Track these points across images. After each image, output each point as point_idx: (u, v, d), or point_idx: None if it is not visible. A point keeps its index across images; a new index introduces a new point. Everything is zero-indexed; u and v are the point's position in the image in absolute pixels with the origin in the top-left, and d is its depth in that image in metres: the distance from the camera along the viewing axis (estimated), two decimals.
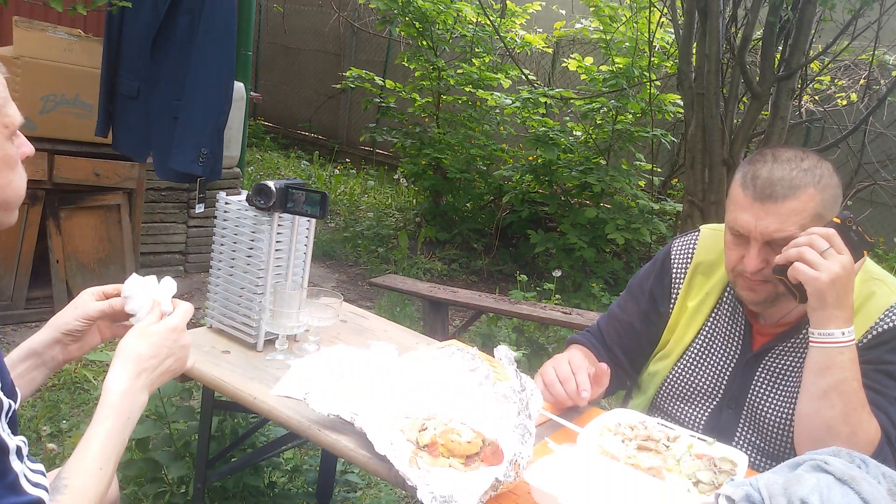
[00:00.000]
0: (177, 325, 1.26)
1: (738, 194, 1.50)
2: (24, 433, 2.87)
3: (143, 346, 1.21)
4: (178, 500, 2.23)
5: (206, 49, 3.19)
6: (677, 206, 5.28)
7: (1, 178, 1.08)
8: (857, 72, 5.36)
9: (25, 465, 0.99)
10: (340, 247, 5.88)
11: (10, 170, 1.10)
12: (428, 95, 6.47)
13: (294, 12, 9.74)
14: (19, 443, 0.99)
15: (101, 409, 1.13)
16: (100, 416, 1.13)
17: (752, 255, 1.48)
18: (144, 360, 1.20)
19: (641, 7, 5.26)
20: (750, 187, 1.47)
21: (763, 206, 1.45)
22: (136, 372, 1.18)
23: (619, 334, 1.81)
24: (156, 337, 1.23)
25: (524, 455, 1.24)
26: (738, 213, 1.49)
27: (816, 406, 1.42)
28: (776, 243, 1.46)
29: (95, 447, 1.09)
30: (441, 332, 3.71)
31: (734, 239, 1.53)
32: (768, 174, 1.46)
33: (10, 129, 1.09)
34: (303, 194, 1.72)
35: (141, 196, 3.95)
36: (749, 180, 1.48)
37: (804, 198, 1.44)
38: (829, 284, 1.38)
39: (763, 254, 1.48)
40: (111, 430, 1.12)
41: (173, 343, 1.24)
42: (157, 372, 1.22)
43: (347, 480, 2.66)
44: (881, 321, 1.50)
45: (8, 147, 1.09)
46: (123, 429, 1.14)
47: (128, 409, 1.15)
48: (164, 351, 1.23)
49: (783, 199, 1.44)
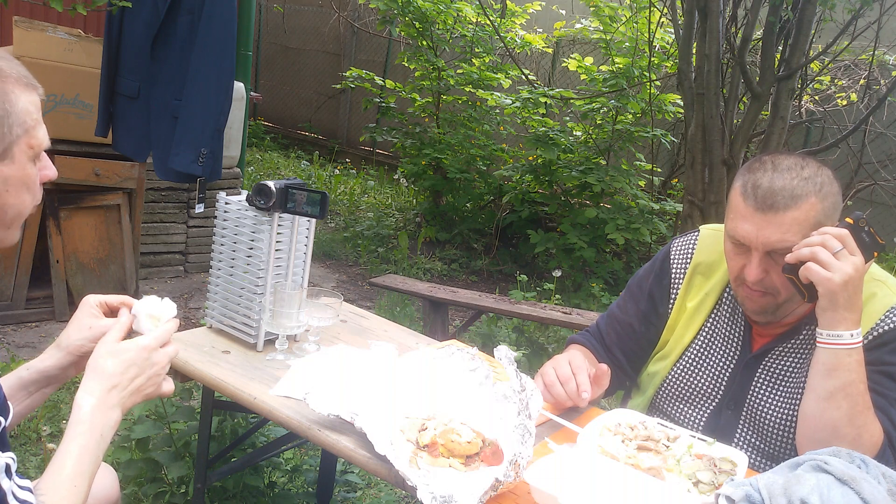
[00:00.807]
0: (148, 343, 1.23)
1: (739, 204, 1.49)
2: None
3: (112, 363, 1.18)
4: (178, 500, 2.23)
5: (206, 49, 3.19)
6: (677, 206, 5.28)
7: (15, 198, 1.09)
8: (857, 72, 5.36)
9: (14, 482, 0.99)
10: (340, 247, 5.88)
11: (27, 190, 1.11)
12: (428, 95, 6.47)
13: (294, 12, 9.73)
14: (8, 460, 0.98)
15: (73, 425, 1.12)
16: (72, 433, 1.11)
17: (753, 265, 1.48)
18: (115, 377, 1.17)
19: (641, 7, 5.26)
20: (751, 197, 1.46)
21: (764, 217, 1.44)
22: (107, 388, 1.16)
23: (618, 335, 1.81)
24: (125, 354, 1.20)
25: (524, 455, 1.24)
26: (739, 223, 1.48)
27: (822, 407, 1.42)
28: (777, 253, 1.46)
29: (70, 464, 1.08)
30: (441, 332, 3.71)
31: (734, 248, 1.53)
32: (769, 183, 1.45)
33: (34, 151, 1.10)
34: (303, 194, 1.72)
35: (141, 196, 3.95)
36: (750, 190, 1.47)
37: (806, 207, 1.43)
38: (841, 286, 1.37)
39: (764, 264, 1.48)
40: (84, 446, 1.10)
41: (143, 361, 1.21)
42: (127, 390, 1.19)
43: (347, 480, 2.66)
44: (882, 322, 1.50)
45: (29, 168, 1.10)
46: (97, 446, 1.12)
47: (100, 425, 1.13)
48: (133, 369, 1.19)
49: (784, 210, 1.43)
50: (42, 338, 3.61)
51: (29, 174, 1.10)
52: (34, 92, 1.10)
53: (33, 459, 2.58)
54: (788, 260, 1.44)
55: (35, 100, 1.10)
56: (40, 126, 1.10)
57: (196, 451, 1.97)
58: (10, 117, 1.05)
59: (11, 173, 1.07)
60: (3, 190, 1.07)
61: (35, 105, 1.09)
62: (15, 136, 1.06)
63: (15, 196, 1.09)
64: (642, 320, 1.78)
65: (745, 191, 1.48)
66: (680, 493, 1.31)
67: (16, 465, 1.00)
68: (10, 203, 1.09)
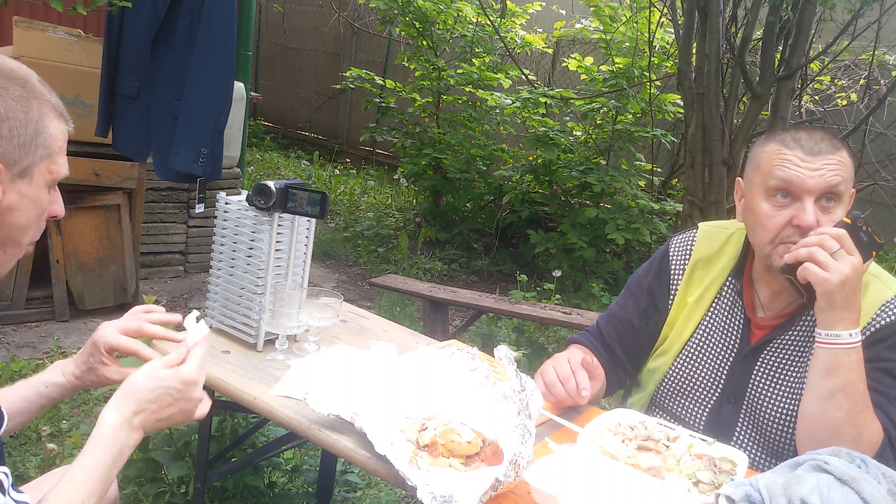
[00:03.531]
0: (188, 377, 1.20)
1: (784, 153, 1.50)
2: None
3: (147, 389, 1.17)
4: (178, 500, 2.22)
5: (206, 49, 3.19)
6: (677, 206, 5.28)
7: (24, 219, 1.08)
8: (857, 72, 5.36)
9: (9, 497, 0.98)
10: (340, 247, 5.88)
11: (37, 217, 1.10)
12: (428, 95, 6.47)
13: (294, 12, 9.73)
14: (1, 476, 0.98)
15: (93, 440, 1.12)
16: (89, 447, 1.11)
17: (808, 209, 1.46)
18: (144, 403, 1.16)
19: (641, 7, 5.26)
20: (796, 147, 1.49)
21: (815, 159, 1.47)
22: (134, 411, 1.15)
23: (618, 332, 1.81)
24: (163, 382, 1.18)
25: (524, 455, 1.24)
26: (791, 169, 1.48)
27: (822, 407, 1.41)
28: (828, 196, 1.47)
29: (80, 478, 1.08)
30: (441, 332, 3.71)
31: (775, 205, 1.50)
32: (808, 135, 1.50)
33: (53, 177, 1.11)
34: (303, 194, 1.72)
35: (141, 196, 3.95)
36: (792, 141, 1.50)
37: (845, 154, 1.50)
38: (838, 286, 1.37)
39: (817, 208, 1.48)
40: (98, 462, 1.10)
41: (179, 393, 1.19)
42: (154, 416, 1.17)
43: (347, 480, 2.66)
44: (877, 317, 1.49)
45: (43, 193, 1.10)
46: (112, 463, 1.12)
47: (120, 444, 1.13)
48: (167, 398, 1.18)
49: (831, 152, 1.48)
50: (42, 338, 3.61)
51: (42, 199, 1.10)
52: (65, 123, 1.12)
53: (33, 459, 2.58)
54: (786, 260, 1.44)
55: (64, 129, 1.12)
56: (62, 155, 1.11)
57: (196, 451, 1.97)
58: (40, 137, 1.06)
59: (28, 193, 1.07)
60: (17, 209, 1.06)
61: (63, 134, 1.11)
62: (39, 156, 1.07)
63: (24, 217, 1.08)
64: (642, 317, 1.78)
65: (786, 143, 1.51)
66: (680, 493, 1.31)
67: (10, 480, 0.99)
68: (19, 223, 1.08)
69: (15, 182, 1.05)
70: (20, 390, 1.33)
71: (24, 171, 1.06)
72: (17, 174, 1.04)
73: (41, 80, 1.10)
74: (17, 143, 1.03)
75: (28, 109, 1.05)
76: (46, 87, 1.10)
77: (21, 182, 1.06)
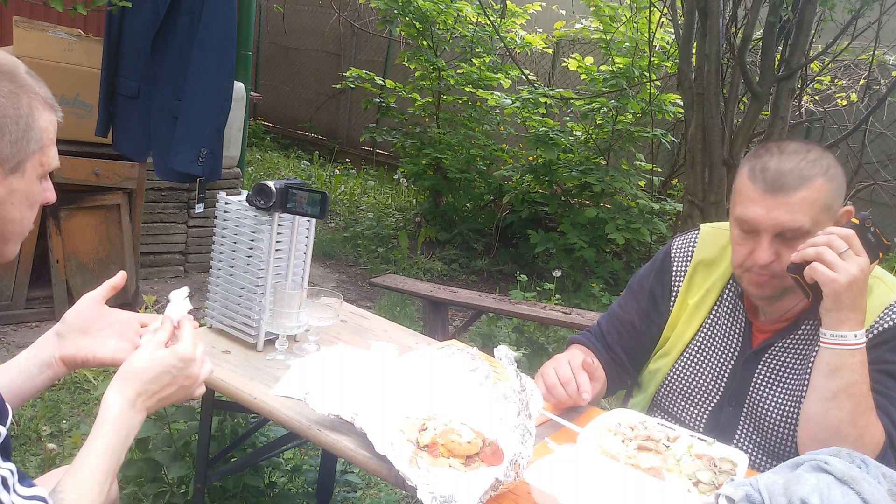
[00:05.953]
0: (185, 354, 1.22)
1: (747, 187, 1.49)
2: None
3: (148, 370, 1.18)
4: (178, 500, 2.22)
5: (206, 49, 3.19)
6: (677, 206, 5.28)
7: (18, 212, 1.10)
8: (857, 72, 5.36)
9: (14, 495, 0.98)
10: (340, 247, 5.88)
11: (29, 207, 1.13)
12: (428, 95, 6.46)
13: (294, 12, 9.73)
14: (5, 472, 0.98)
15: (100, 424, 1.13)
16: (98, 432, 1.12)
17: (763, 247, 1.47)
18: (146, 384, 1.18)
19: (641, 7, 5.26)
20: (759, 180, 1.47)
21: (774, 198, 1.45)
22: (137, 392, 1.17)
23: (619, 333, 1.81)
24: (162, 361, 1.20)
25: (524, 455, 1.24)
26: (748, 206, 1.48)
27: (825, 407, 1.41)
28: (787, 235, 1.46)
29: (93, 463, 1.09)
30: (441, 332, 3.71)
31: (742, 234, 1.52)
32: (777, 166, 1.46)
33: (44, 169, 1.12)
34: (303, 194, 1.72)
35: (141, 196, 3.95)
36: (758, 172, 1.47)
37: (814, 188, 1.44)
38: (846, 287, 1.37)
39: (774, 246, 1.48)
40: (109, 445, 1.11)
41: (179, 372, 1.21)
42: (156, 397, 1.19)
43: (347, 480, 2.66)
44: (881, 320, 1.49)
45: (35, 185, 1.12)
46: (120, 445, 1.13)
47: (126, 426, 1.15)
48: (167, 378, 1.20)
49: (794, 190, 1.44)
50: None
51: (34, 191, 1.12)
52: (54, 114, 1.12)
53: (33, 459, 2.58)
54: (794, 259, 1.44)
55: (53, 120, 1.12)
56: (53, 146, 1.12)
57: (196, 451, 1.97)
58: (31, 132, 1.07)
59: (20, 187, 1.09)
60: (10, 202, 1.08)
61: (53, 125, 1.12)
62: (31, 151, 1.08)
63: (18, 210, 1.10)
64: (643, 318, 1.78)
65: (753, 174, 1.48)
66: (680, 493, 1.31)
67: (16, 477, 0.99)
68: (13, 217, 1.10)
69: (7, 178, 1.06)
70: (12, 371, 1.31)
71: (17, 167, 1.07)
72: (9, 170, 1.06)
73: (28, 70, 1.10)
74: (8, 141, 1.05)
75: (18, 105, 1.05)
76: (34, 76, 1.10)
77: (13, 177, 1.07)
